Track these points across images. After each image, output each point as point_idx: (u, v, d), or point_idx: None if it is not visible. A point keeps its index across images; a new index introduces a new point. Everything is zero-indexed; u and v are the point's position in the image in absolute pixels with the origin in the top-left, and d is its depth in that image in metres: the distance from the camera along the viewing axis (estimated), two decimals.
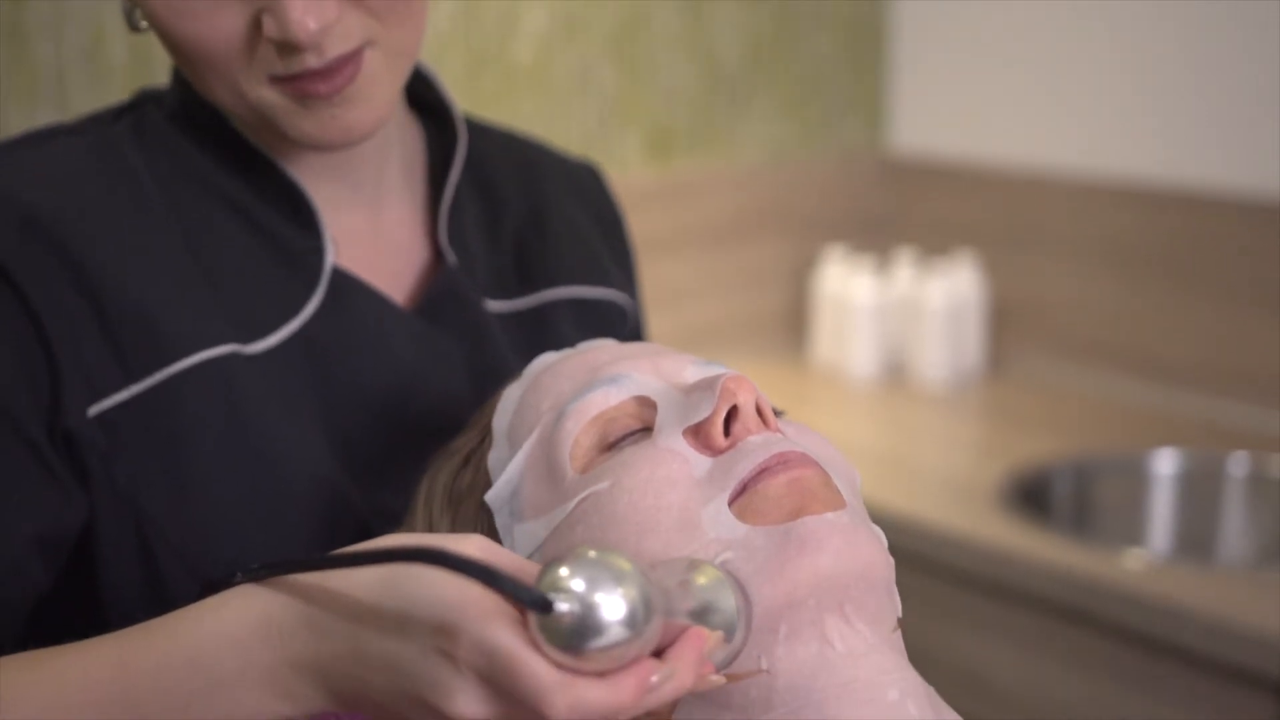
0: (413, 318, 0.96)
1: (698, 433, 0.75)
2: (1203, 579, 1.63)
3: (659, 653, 0.63)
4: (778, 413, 0.80)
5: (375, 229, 0.98)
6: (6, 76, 1.67)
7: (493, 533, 0.78)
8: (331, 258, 0.93)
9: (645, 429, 0.78)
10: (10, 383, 0.83)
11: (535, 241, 1.04)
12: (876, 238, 2.54)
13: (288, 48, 0.83)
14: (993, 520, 1.78)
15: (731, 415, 0.75)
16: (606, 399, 0.78)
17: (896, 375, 2.36)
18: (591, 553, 0.61)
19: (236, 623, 0.67)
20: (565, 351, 0.86)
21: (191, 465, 0.86)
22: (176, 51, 0.87)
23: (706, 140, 2.36)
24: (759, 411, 0.76)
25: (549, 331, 1.02)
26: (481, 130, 1.07)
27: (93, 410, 0.85)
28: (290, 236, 0.93)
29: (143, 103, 0.96)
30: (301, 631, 0.66)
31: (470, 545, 0.64)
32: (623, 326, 1.08)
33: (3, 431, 0.83)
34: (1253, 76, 2.07)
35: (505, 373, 0.93)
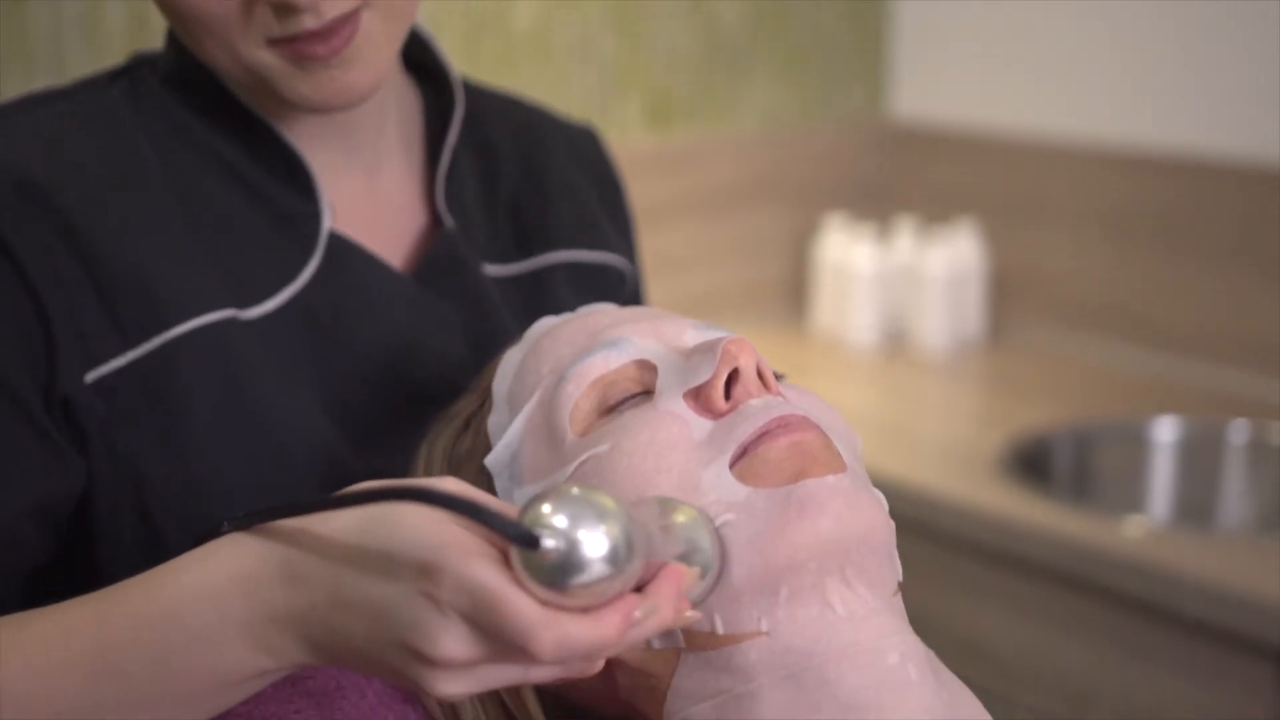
0: (410, 282, 0.96)
1: (698, 396, 0.75)
2: (1202, 546, 1.63)
3: (639, 589, 0.63)
4: (778, 376, 0.79)
5: (372, 193, 0.98)
6: (4, 42, 1.66)
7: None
8: (328, 222, 0.93)
9: (645, 392, 0.77)
10: (6, 350, 0.83)
11: (534, 205, 1.04)
12: (877, 205, 2.53)
13: (285, 9, 0.82)
14: (993, 488, 1.78)
15: (732, 378, 0.75)
16: (607, 362, 0.78)
17: (897, 343, 2.36)
18: (575, 490, 0.60)
19: (216, 575, 0.66)
20: (565, 315, 0.85)
21: (189, 431, 0.86)
22: (172, 14, 0.86)
23: (707, 107, 2.35)
24: (760, 375, 0.76)
25: (547, 296, 1.01)
26: (479, 93, 1.06)
27: (90, 376, 0.84)
28: (287, 201, 0.92)
29: (137, 67, 0.95)
30: (280, 583, 0.65)
31: (448, 485, 0.64)
32: (621, 290, 1.07)
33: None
34: (1253, 44, 2.06)
35: (504, 337, 0.93)
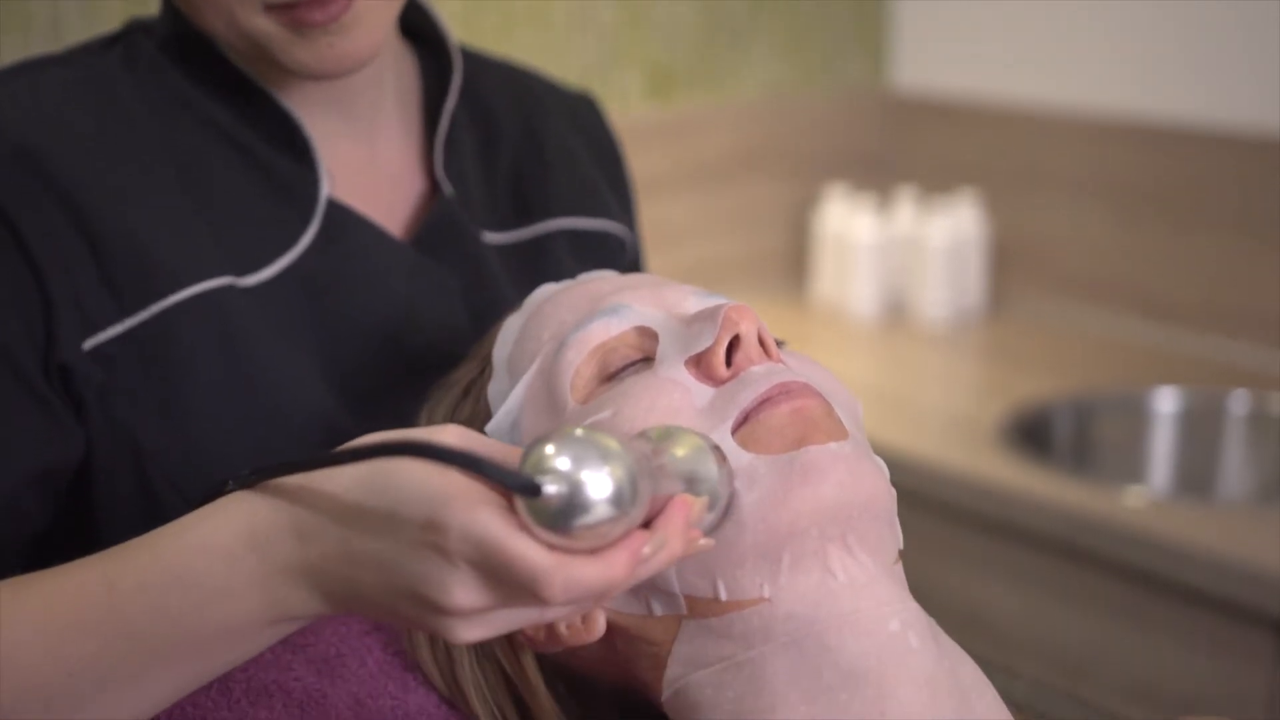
0: (409, 249, 0.95)
1: (699, 363, 0.75)
2: (1203, 516, 1.63)
3: (646, 524, 0.63)
4: (779, 343, 0.79)
5: (371, 160, 0.97)
6: (1, 8, 1.65)
7: None
8: (326, 189, 0.92)
9: (646, 359, 0.77)
10: (4, 318, 0.83)
11: (533, 172, 1.03)
12: (878, 176, 2.52)
13: None
14: (993, 458, 1.78)
15: (733, 345, 0.75)
16: (607, 329, 0.77)
17: (897, 314, 2.35)
18: (578, 431, 0.60)
19: (223, 533, 0.66)
20: (566, 282, 0.85)
21: (188, 398, 0.86)
22: None
23: (707, 78, 2.34)
24: (761, 341, 0.75)
25: (547, 263, 1.01)
26: (477, 60, 1.06)
27: (88, 344, 0.84)
28: (285, 168, 0.92)
29: (133, 33, 0.94)
30: (289, 538, 0.65)
31: (449, 434, 0.64)
32: (622, 258, 1.07)
33: None
34: (1254, 14, 2.05)
35: (503, 305, 0.93)
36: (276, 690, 0.77)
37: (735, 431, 0.72)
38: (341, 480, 0.64)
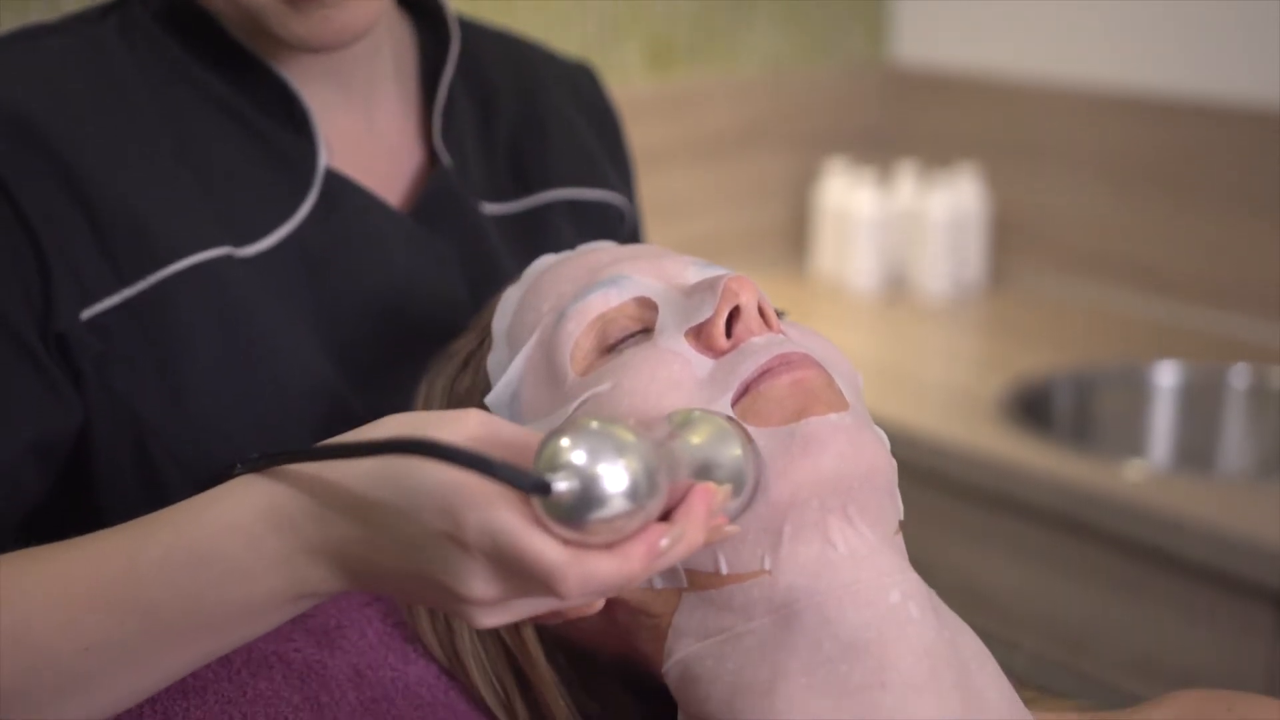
0: (408, 220, 0.95)
1: (699, 334, 0.74)
2: (1203, 490, 1.63)
3: (666, 514, 0.62)
4: (780, 314, 0.79)
5: (368, 131, 0.97)
6: None
7: None
8: (324, 160, 0.92)
9: (645, 330, 0.77)
10: (2, 286, 0.82)
11: (531, 143, 1.03)
12: (878, 150, 2.52)
13: None
14: (993, 432, 1.78)
15: (733, 316, 0.74)
16: (607, 300, 0.77)
17: (898, 288, 2.35)
18: (594, 424, 0.59)
19: (242, 512, 0.66)
20: (565, 253, 0.84)
21: (186, 369, 0.85)
22: None
23: (708, 51, 2.33)
24: (761, 312, 0.75)
25: (546, 234, 1.01)
26: (475, 31, 1.05)
27: (85, 314, 0.84)
28: (283, 139, 0.91)
29: (128, 1, 0.94)
30: (310, 521, 0.65)
31: (469, 421, 0.64)
32: (621, 229, 1.06)
33: None
34: None
35: (502, 275, 0.92)
36: (276, 661, 0.77)
37: (735, 403, 0.72)
38: (355, 473, 0.64)
